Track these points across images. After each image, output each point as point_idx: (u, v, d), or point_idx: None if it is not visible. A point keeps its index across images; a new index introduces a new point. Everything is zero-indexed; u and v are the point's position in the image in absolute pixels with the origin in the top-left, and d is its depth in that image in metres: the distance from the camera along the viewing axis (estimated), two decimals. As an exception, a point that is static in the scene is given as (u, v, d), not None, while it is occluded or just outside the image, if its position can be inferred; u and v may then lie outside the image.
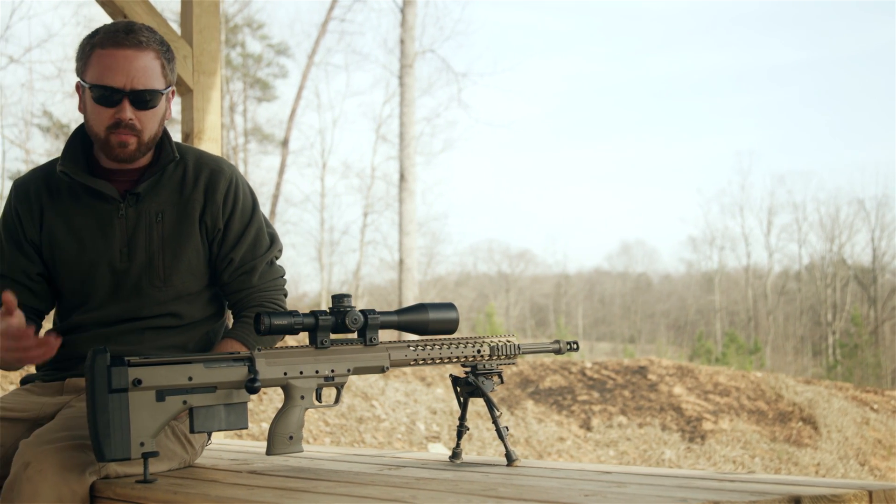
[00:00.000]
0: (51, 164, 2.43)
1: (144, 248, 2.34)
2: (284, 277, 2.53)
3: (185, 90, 3.72)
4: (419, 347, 2.18)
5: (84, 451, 2.01)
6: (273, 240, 2.49)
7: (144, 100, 2.26)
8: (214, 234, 2.39)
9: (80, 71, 2.29)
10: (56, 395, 2.34)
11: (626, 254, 50.29)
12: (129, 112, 2.25)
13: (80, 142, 2.39)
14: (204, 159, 2.44)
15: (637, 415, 10.93)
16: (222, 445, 2.94)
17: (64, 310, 2.43)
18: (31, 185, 2.40)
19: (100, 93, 2.24)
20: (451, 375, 2.33)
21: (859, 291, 35.04)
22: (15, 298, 2.10)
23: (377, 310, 2.13)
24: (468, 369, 2.26)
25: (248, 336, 2.37)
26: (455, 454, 2.31)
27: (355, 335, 2.12)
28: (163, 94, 2.31)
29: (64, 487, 1.95)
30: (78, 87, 2.33)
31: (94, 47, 2.26)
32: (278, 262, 2.51)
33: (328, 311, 2.10)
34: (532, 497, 1.66)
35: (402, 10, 17.75)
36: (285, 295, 2.51)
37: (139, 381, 1.90)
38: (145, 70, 2.25)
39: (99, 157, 2.38)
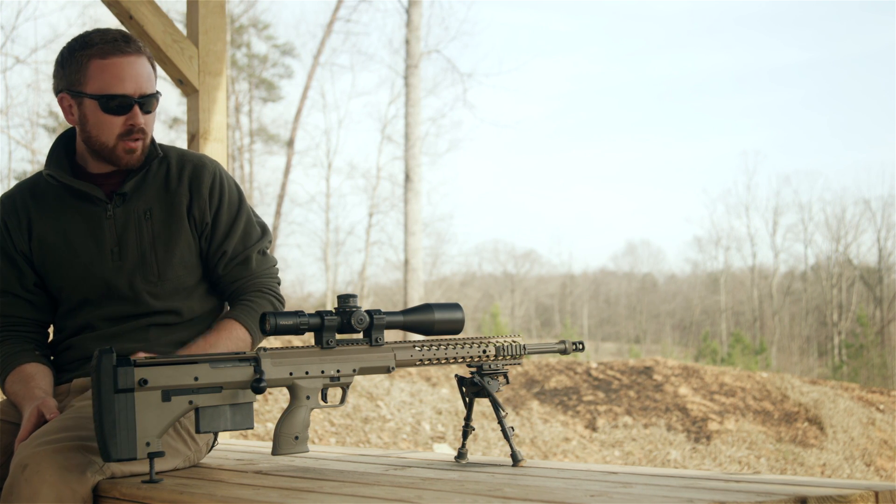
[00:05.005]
0: (35, 176, 2.45)
1: (136, 246, 2.35)
2: (277, 266, 2.55)
3: (190, 90, 3.72)
4: (425, 348, 2.18)
5: (84, 451, 2.00)
6: (264, 230, 2.51)
7: (150, 104, 2.31)
8: (203, 227, 2.41)
9: (75, 82, 2.27)
10: (63, 397, 2.34)
11: (632, 254, 50.31)
12: (140, 117, 2.29)
13: (63, 148, 2.40)
14: (187, 155, 2.46)
15: (642, 415, 10.91)
16: (228, 445, 2.94)
17: (63, 314, 2.42)
18: (17, 197, 2.41)
19: (111, 102, 2.26)
20: (456, 376, 2.34)
21: (865, 291, 34.98)
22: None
23: (383, 310, 2.13)
24: (474, 369, 2.26)
25: (249, 319, 2.38)
26: (460, 454, 2.31)
27: (361, 335, 2.13)
28: (160, 97, 2.35)
29: (64, 488, 1.94)
30: (65, 99, 2.30)
31: (91, 58, 2.26)
32: (270, 254, 2.53)
33: (334, 311, 2.10)
34: (538, 497, 1.66)
35: (408, 11, 17.73)
36: (279, 283, 2.54)
37: (145, 381, 1.91)
38: (148, 76, 2.31)
39: (84, 162, 2.39)
